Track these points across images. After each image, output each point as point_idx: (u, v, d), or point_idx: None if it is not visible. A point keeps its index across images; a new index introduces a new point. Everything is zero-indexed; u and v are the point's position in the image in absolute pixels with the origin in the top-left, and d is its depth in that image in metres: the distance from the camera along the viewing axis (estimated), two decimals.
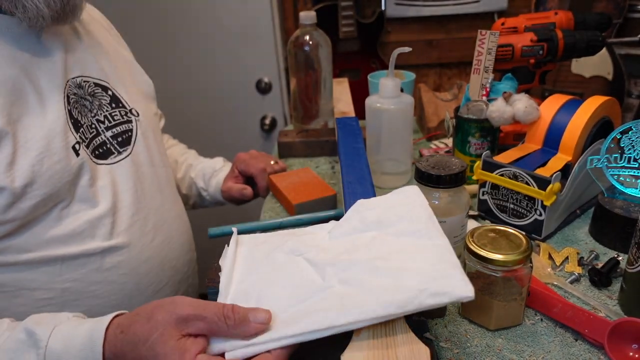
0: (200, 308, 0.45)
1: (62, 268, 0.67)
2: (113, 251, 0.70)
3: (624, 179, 0.67)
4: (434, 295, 0.43)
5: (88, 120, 0.71)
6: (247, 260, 0.54)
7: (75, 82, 0.70)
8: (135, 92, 0.82)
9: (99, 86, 0.74)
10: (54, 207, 0.65)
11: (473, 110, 0.81)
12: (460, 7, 1.70)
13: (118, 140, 0.74)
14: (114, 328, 0.49)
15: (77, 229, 0.67)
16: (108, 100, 0.75)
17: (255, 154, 0.97)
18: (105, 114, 0.74)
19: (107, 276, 0.70)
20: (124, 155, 0.74)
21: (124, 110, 0.77)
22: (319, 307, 0.44)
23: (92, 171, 0.69)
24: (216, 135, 1.81)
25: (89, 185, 0.68)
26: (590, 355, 0.53)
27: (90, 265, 0.69)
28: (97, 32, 0.80)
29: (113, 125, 0.74)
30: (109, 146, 0.73)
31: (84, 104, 0.71)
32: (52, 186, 0.63)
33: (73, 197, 0.67)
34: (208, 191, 1.01)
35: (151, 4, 1.64)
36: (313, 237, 0.56)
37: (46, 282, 0.66)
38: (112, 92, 0.76)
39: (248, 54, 1.70)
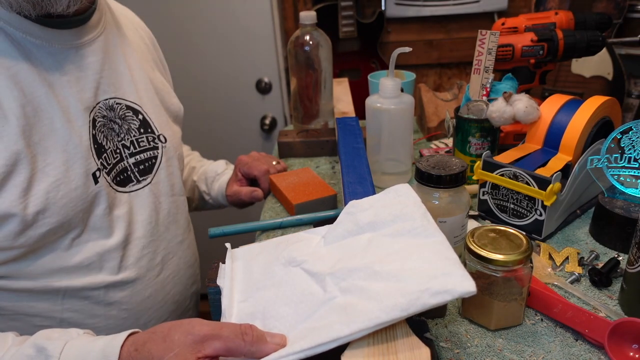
0: (217, 328, 0.45)
1: (64, 299, 0.65)
2: (118, 286, 0.68)
3: (624, 179, 0.67)
4: (436, 294, 0.42)
5: (114, 145, 0.68)
6: (245, 276, 0.54)
7: (107, 104, 0.67)
8: (166, 116, 0.80)
9: (130, 109, 0.71)
10: (65, 236, 0.62)
11: (473, 110, 0.81)
12: (460, 7, 1.70)
13: (140, 167, 0.71)
14: (128, 346, 0.48)
15: (84, 261, 0.64)
16: (137, 125, 0.72)
17: (257, 155, 0.97)
18: (132, 139, 0.71)
19: (108, 310, 0.68)
20: (143, 185, 0.71)
21: (152, 135, 0.74)
22: (324, 322, 0.44)
23: (110, 199, 0.66)
24: (216, 135, 1.81)
25: (105, 214, 0.65)
26: (591, 355, 0.53)
27: (93, 299, 0.66)
28: (138, 49, 0.77)
29: (137, 152, 0.71)
30: (129, 173, 0.70)
31: (112, 127, 0.68)
32: (65, 214, 0.60)
33: (86, 226, 0.64)
34: (210, 195, 1.00)
35: (151, 5, 1.64)
36: (308, 244, 0.55)
37: (45, 311, 0.64)
38: (143, 115, 0.73)
39: (248, 54, 1.70)
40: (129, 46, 0.75)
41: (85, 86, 0.64)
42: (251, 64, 1.72)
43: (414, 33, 1.77)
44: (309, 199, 0.80)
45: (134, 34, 0.80)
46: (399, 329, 0.44)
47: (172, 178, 0.77)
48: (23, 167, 0.56)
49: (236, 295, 0.51)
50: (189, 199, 1.02)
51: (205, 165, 1.03)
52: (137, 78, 0.74)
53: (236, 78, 1.74)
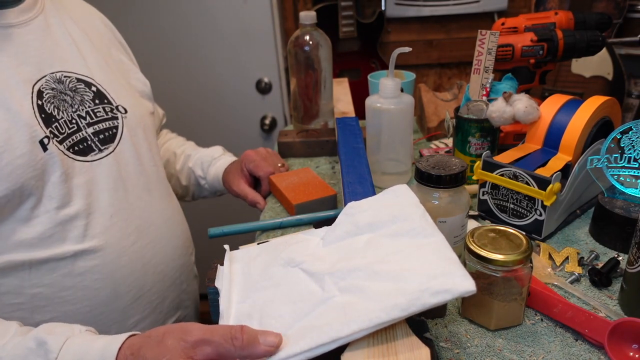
0: (208, 332, 0.44)
1: (31, 273, 0.64)
2: (86, 255, 0.67)
3: (624, 179, 0.67)
4: (436, 294, 0.42)
5: (67, 115, 0.68)
6: (243, 278, 0.53)
7: (54, 77, 0.68)
8: (127, 89, 0.80)
9: (82, 82, 0.72)
10: (21, 206, 0.62)
11: (473, 110, 0.81)
12: (460, 7, 1.70)
13: (100, 137, 0.71)
14: (125, 349, 0.48)
15: (46, 232, 0.64)
16: (91, 96, 0.72)
17: (264, 154, 0.95)
18: (87, 109, 0.71)
19: (80, 281, 0.67)
20: (105, 154, 0.71)
21: (109, 106, 0.74)
22: (323, 320, 0.44)
23: (67, 167, 0.66)
24: (216, 135, 1.81)
25: (62, 181, 0.65)
26: (591, 355, 0.53)
27: (60, 270, 0.66)
28: (89, 29, 0.79)
29: (95, 122, 0.72)
30: (89, 143, 0.70)
31: (63, 98, 0.69)
32: (14, 181, 0.60)
33: (42, 194, 0.64)
34: (206, 179, 0.99)
35: (151, 4, 1.64)
36: (307, 245, 0.55)
37: (15, 287, 0.64)
38: (96, 87, 0.74)
39: (248, 54, 1.70)
40: (76, 25, 0.76)
41: (25, 61, 0.65)
42: (251, 64, 1.72)
43: (414, 33, 1.77)
44: (309, 199, 0.80)
45: (84, 17, 0.81)
46: (399, 329, 0.44)
47: (137, 148, 0.77)
48: None
49: (234, 296, 0.51)
50: (186, 187, 1.02)
51: (200, 151, 1.02)
52: (86, 53, 0.75)
53: (236, 78, 1.74)
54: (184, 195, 1.04)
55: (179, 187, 1.02)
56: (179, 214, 0.87)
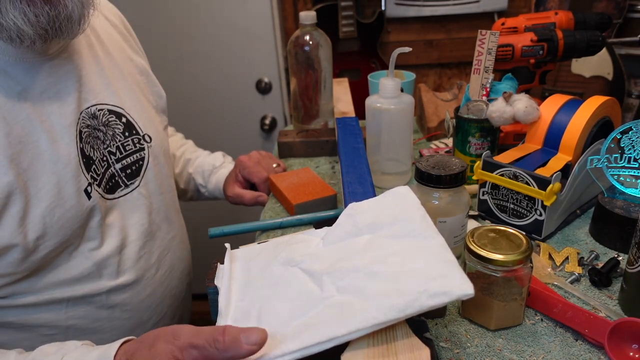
0: (194, 336, 0.44)
1: (68, 308, 0.66)
2: (119, 289, 0.69)
3: (624, 179, 0.67)
4: (434, 296, 0.42)
5: (100, 154, 0.66)
6: (243, 276, 0.54)
7: (89, 113, 0.65)
8: (149, 110, 0.78)
9: (113, 113, 0.69)
10: (64, 252, 0.63)
11: (473, 110, 0.81)
12: (460, 7, 1.70)
13: (127, 172, 0.71)
14: (120, 355, 0.49)
15: (84, 272, 0.65)
16: (121, 129, 0.70)
17: (257, 157, 0.95)
18: (117, 144, 0.69)
19: (111, 313, 0.69)
20: (131, 189, 0.71)
21: (137, 137, 0.73)
22: (320, 319, 0.44)
23: (103, 210, 0.66)
24: (216, 135, 1.81)
25: (99, 225, 0.65)
26: (591, 355, 0.53)
27: (95, 304, 0.67)
28: (111, 43, 0.74)
29: (124, 157, 0.71)
30: (117, 179, 0.69)
31: (97, 135, 0.66)
32: (64, 235, 0.60)
33: (82, 239, 0.64)
34: (207, 188, 0.99)
35: (151, 4, 1.64)
36: (307, 245, 0.55)
37: (51, 321, 0.65)
38: (126, 118, 0.72)
39: (248, 54, 1.70)
40: (101, 40, 0.71)
41: (66, 99, 0.61)
42: (251, 64, 1.72)
43: (414, 33, 1.77)
44: (309, 199, 0.80)
45: (105, 24, 0.76)
46: (399, 329, 0.44)
47: (160, 177, 0.76)
48: (17, 197, 0.55)
49: (234, 294, 0.51)
50: (184, 190, 1.02)
51: (200, 156, 1.02)
52: (114, 78, 0.71)
53: (236, 78, 1.74)
54: (180, 196, 1.03)
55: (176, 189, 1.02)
56: (185, 235, 0.88)
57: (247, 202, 0.91)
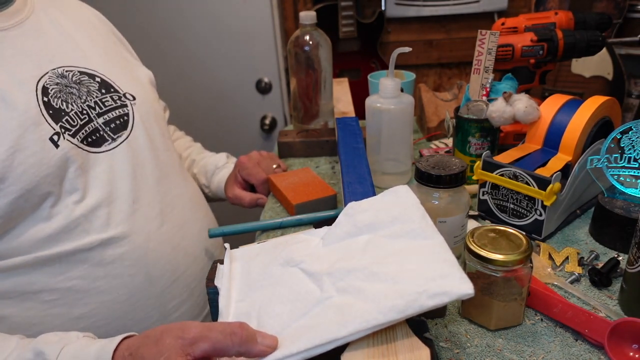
0: (206, 329, 0.44)
1: (62, 266, 0.65)
2: (112, 242, 0.68)
3: (624, 179, 0.67)
4: (434, 297, 0.42)
5: (77, 107, 0.68)
6: (243, 276, 0.54)
7: (56, 73, 0.68)
8: (132, 79, 0.80)
9: (85, 74, 0.72)
10: (41, 205, 0.63)
11: (473, 110, 0.81)
12: (460, 7, 1.70)
13: (111, 126, 0.72)
14: (122, 350, 0.48)
15: (69, 225, 0.65)
16: (97, 87, 0.72)
17: (257, 158, 0.95)
18: (95, 99, 0.71)
19: (112, 269, 0.68)
20: (119, 142, 0.72)
21: (116, 94, 0.74)
22: (320, 321, 0.44)
23: (82, 160, 0.66)
24: (216, 135, 1.81)
25: (78, 175, 0.66)
26: (591, 355, 0.53)
27: (90, 261, 0.67)
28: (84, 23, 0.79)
29: (104, 112, 0.71)
30: (102, 133, 0.70)
31: (70, 91, 0.68)
32: (29, 181, 0.60)
33: (60, 190, 0.64)
34: (210, 188, 0.99)
35: (151, 4, 1.64)
36: (306, 245, 0.55)
37: (48, 283, 0.65)
38: (100, 78, 0.74)
39: (248, 54, 1.70)
40: (70, 20, 0.76)
41: (22, 61, 0.65)
42: (251, 64, 1.72)
43: (414, 33, 1.77)
44: (308, 199, 0.80)
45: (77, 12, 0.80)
46: (399, 329, 0.44)
47: (150, 133, 0.77)
48: None
49: (234, 295, 0.51)
50: None
51: (205, 157, 1.02)
52: (84, 46, 0.74)
53: (236, 78, 1.74)
54: None
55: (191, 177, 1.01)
56: (199, 196, 0.87)
57: (246, 205, 0.92)
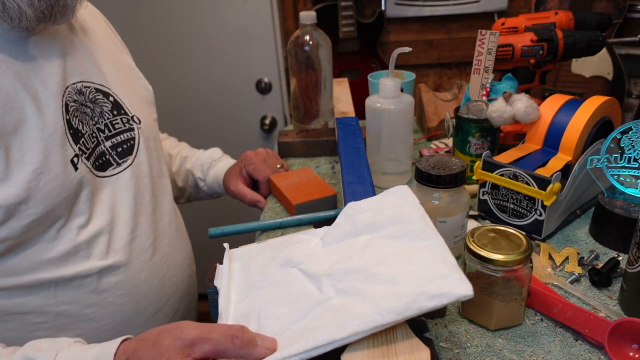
0: (206, 331, 0.44)
1: (57, 291, 0.63)
2: (110, 271, 0.67)
3: (624, 179, 0.67)
4: (433, 298, 0.42)
5: (89, 129, 0.66)
6: (242, 277, 0.53)
7: (75, 88, 0.65)
8: (136, 98, 0.79)
9: (100, 92, 0.70)
10: (51, 227, 0.61)
11: (473, 110, 0.81)
12: (460, 7, 1.70)
13: (117, 150, 0.70)
14: (119, 355, 0.47)
15: (72, 250, 0.63)
16: (109, 107, 0.70)
17: (264, 155, 0.95)
18: (106, 122, 0.69)
19: (104, 298, 0.67)
20: (124, 167, 0.70)
21: (125, 117, 0.73)
22: (319, 323, 0.44)
23: (93, 185, 0.65)
24: (216, 135, 1.81)
25: (87, 200, 0.64)
26: (591, 355, 0.53)
27: (86, 287, 0.65)
28: (97, 34, 0.76)
29: (113, 135, 0.70)
30: (107, 157, 0.69)
31: (84, 111, 0.66)
32: (49, 204, 0.59)
33: (70, 214, 0.63)
34: (206, 181, 0.99)
35: (151, 4, 1.64)
36: (306, 245, 0.55)
37: (39, 306, 0.63)
38: (113, 98, 0.72)
39: (248, 54, 1.70)
40: (86, 30, 0.73)
41: (51, 72, 0.62)
42: (251, 64, 1.72)
43: (414, 33, 1.77)
44: (309, 199, 0.80)
45: (90, 18, 0.77)
46: (399, 330, 0.44)
47: (151, 159, 0.76)
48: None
49: (233, 295, 0.51)
50: (182, 189, 1.01)
51: (197, 153, 1.02)
52: (100, 61, 0.72)
53: (236, 78, 1.74)
54: (179, 197, 1.03)
55: (174, 188, 1.01)
56: (182, 226, 0.87)
57: (246, 202, 0.91)
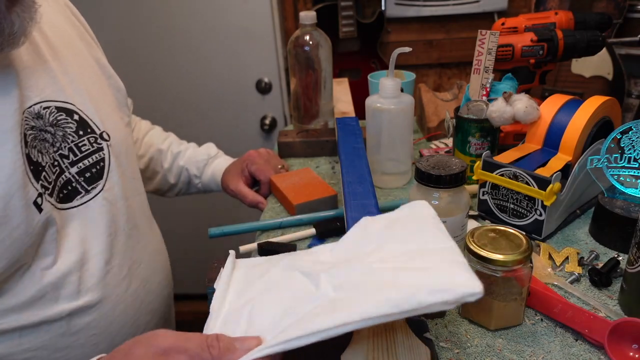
0: (181, 340, 0.41)
1: (22, 338, 0.57)
2: (81, 312, 0.60)
3: (624, 179, 0.67)
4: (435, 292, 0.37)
5: (50, 158, 0.58)
6: (241, 282, 0.51)
7: (32, 112, 0.57)
8: (106, 106, 0.70)
9: (62, 111, 0.61)
10: (14, 274, 0.55)
11: (473, 110, 0.81)
12: (460, 7, 1.70)
13: (85, 176, 0.62)
14: None
15: (37, 294, 0.56)
16: (74, 128, 0.62)
17: (266, 155, 0.94)
18: (70, 145, 0.61)
19: (75, 340, 0.60)
20: (93, 194, 0.62)
21: (93, 137, 0.64)
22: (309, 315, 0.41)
23: (58, 221, 0.57)
24: (216, 135, 1.81)
25: (53, 239, 0.57)
26: (591, 355, 0.53)
27: (55, 331, 0.59)
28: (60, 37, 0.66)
29: (80, 159, 0.62)
30: (74, 184, 0.61)
31: (44, 137, 0.58)
32: (11, 255, 0.52)
33: (35, 257, 0.56)
34: (201, 179, 0.96)
35: (151, 4, 1.64)
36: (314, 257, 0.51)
37: (3, 354, 0.57)
38: (79, 115, 0.63)
39: (248, 54, 1.70)
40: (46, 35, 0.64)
41: (6, 102, 0.53)
42: (251, 64, 1.72)
43: (414, 33, 1.77)
44: (309, 199, 0.80)
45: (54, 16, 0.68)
46: (399, 329, 0.44)
47: (124, 179, 0.68)
48: None
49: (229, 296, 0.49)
50: (173, 185, 0.98)
51: (189, 148, 0.98)
52: (62, 73, 0.63)
53: (236, 78, 1.74)
54: (167, 191, 1.00)
55: (164, 184, 0.98)
56: (160, 242, 0.80)
57: (247, 203, 0.91)
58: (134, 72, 1.74)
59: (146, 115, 1.04)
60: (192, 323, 0.65)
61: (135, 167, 0.75)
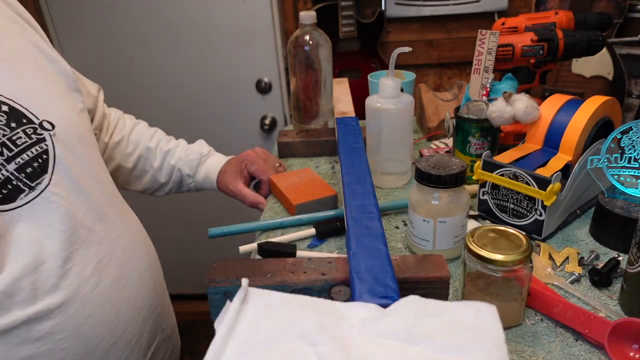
0: None
1: None
2: (41, 316, 0.55)
3: (624, 179, 0.67)
4: None
5: None
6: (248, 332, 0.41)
7: None
8: (49, 92, 0.64)
9: None
10: None
11: (473, 110, 0.81)
12: (460, 7, 1.70)
13: (27, 172, 0.56)
14: None
15: None
16: (4, 121, 0.55)
17: (263, 155, 0.93)
18: (3, 140, 0.55)
19: (41, 346, 0.56)
20: (39, 190, 0.56)
21: (30, 127, 0.58)
22: None
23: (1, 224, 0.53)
24: (216, 135, 1.81)
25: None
26: (591, 355, 0.52)
27: (13, 341, 0.54)
28: None
29: (16, 154, 0.55)
30: (15, 182, 0.55)
31: None
32: None
33: None
34: (194, 178, 0.93)
35: (151, 4, 1.64)
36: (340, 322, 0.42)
37: None
38: (9, 105, 0.56)
39: (248, 54, 1.70)
40: None
41: None
42: (251, 64, 1.72)
43: (414, 33, 1.77)
44: (309, 199, 0.80)
45: None
46: None
47: (79, 169, 0.62)
48: None
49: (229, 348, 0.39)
50: (164, 184, 0.95)
51: (179, 145, 0.95)
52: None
53: (236, 78, 1.74)
54: (157, 190, 0.97)
55: (154, 183, 0.95)
56: (139, 231, 0.74)
57: (247, 204, 0.90)
58: (134, 73, 1.74)
59: (146, 115, 1.04)
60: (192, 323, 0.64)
61: (96, 154, 0.69)
